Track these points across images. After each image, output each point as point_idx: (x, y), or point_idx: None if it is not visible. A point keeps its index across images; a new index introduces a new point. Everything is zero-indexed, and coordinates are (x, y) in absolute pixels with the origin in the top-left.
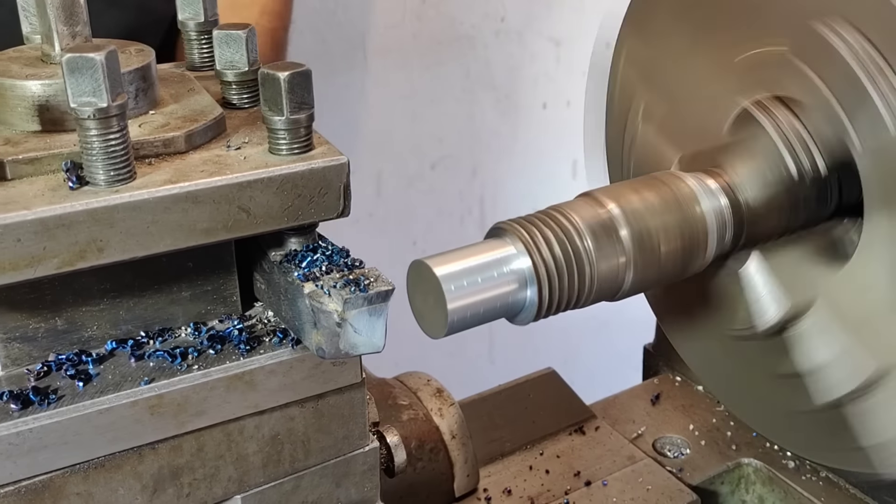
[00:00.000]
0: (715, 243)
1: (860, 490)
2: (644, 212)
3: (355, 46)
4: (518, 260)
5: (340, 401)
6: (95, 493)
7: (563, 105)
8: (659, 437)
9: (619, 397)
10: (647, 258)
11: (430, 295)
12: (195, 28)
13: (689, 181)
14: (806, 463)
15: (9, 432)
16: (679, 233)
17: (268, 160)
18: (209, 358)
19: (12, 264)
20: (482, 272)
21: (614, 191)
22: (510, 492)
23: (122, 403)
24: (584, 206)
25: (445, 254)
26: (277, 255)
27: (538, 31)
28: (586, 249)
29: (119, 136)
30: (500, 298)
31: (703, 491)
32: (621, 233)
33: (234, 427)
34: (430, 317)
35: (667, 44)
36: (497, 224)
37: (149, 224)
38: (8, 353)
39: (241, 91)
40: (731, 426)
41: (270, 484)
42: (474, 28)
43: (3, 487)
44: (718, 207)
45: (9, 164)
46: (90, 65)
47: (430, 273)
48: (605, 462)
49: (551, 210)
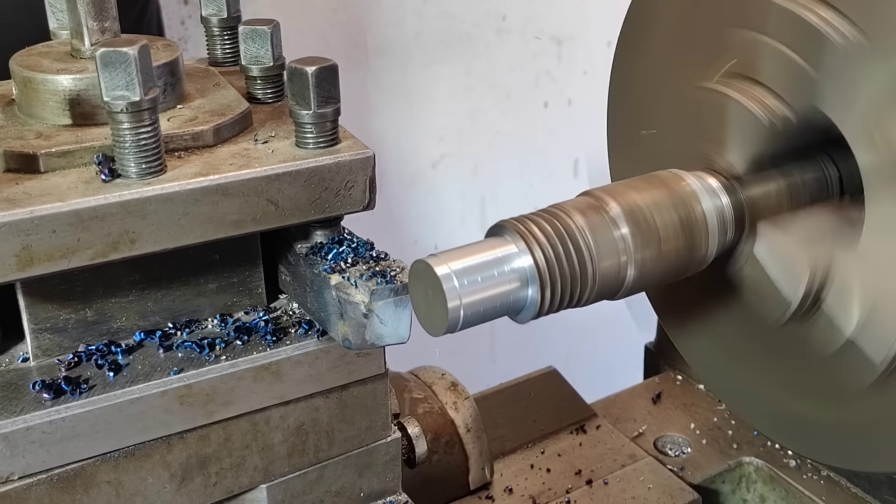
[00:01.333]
0: (716, 241)
1: (861, 489)
2: (645, 210)
3: (356, 45)
4: (519, 258)
5: (364, 391)
6: (125, 481)
7: (564, 103)
8: (660, 435)
9: (621, 396)
10: (648, 256)
11: (430, 293)
12: (218, 24)
13: (689, 180)
14: (807, 462)
15: (42, 421)
16: (680, 231)
17: (295, 153)
18: (236, 349)
19: (48, 255)
20: (483, 271)
21: (615, 189)
22: (511, 490)
23: (152, 393)
24: (585, 204)
25: (446, 253)
26: (303, 248)
27: (539, 29)
28: (587, 248)
29: (150, 129)
30: (501, 297)
31: (705, 490)
32: (622, 231)
33: (260, 417)
34: (431, 315)
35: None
36: (498, 222)
37: (180, 216)
38: (39, 344)
39: (265, 86)
40: (733, 425)
41: (295, 474)
42: (475, 27)
43: (35, 475)
44: (719, 205)
45: (42, 157)
46: (123, 59)
47: (431, 272)
48: (606, 461)
49: (552, 209)
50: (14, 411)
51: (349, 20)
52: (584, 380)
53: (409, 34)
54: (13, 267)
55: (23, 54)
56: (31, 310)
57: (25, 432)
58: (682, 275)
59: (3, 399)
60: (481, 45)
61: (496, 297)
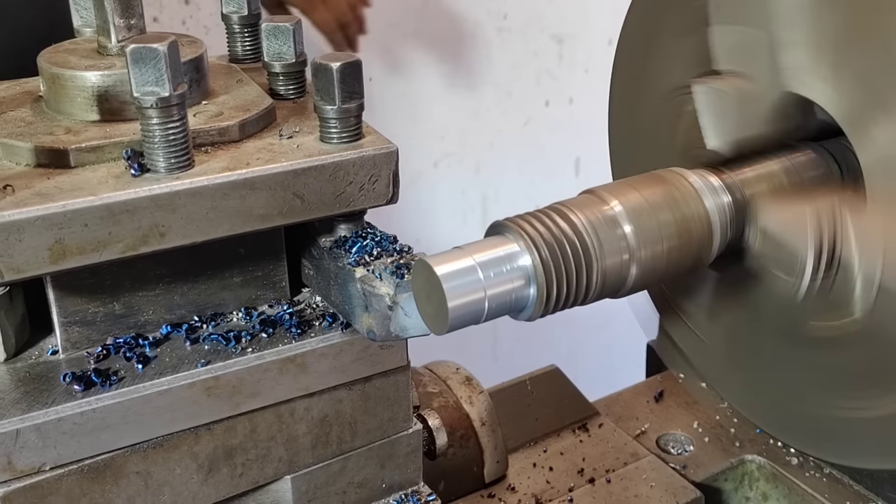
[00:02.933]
0: (719, 239)
1: (864, 486)
2: (647, 209)
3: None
4: (521, 257)
5: (386, 384)
6: (154, 472)
7: (565, 102)
8: (662, 434)
9: (623, 394)
10: (650, 255)
11: (432, 293)
12: (238, 21)
13: (691, 178)
14: (810, 460)
15: (73, 412)
16: (683, 229)
17: (320, 148)
18: (262, 341)
19: (80, 249)
20: (484, 270)
21: (617, 188)
22: (514, 489)
23: (180, 385)
24: (587, 202)
25: (447, 252)
26: (327, 242)
27: (540, 28)
28: (590, 246)
29: (179, 124)
30: (502, 296)
31: (707, 488)
32: (625, 229)
33: (285, 409)
34: (433, 314)
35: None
36: (499, 221)
37: (208, 210)
38: (68, 337)
39: (287, 82)
40: (735, 423)
41: (319, 465)
42: (477, 26)
43: (67, 466)
44: (721, 204)
45: (72, 152)
46: (153, 55)
47: (432, 272)
48: (608, 459)
49: (554, 207)
50: (46, 403)
51: None
52: (586, 378)
53: (410, 33)
54: (46, 260)
55: (50, 51)
56: (61, 303)
57: (57, 423)
58: (684, 273)
59: (35, 391)
60: (482, 43)
61: (497, 296)
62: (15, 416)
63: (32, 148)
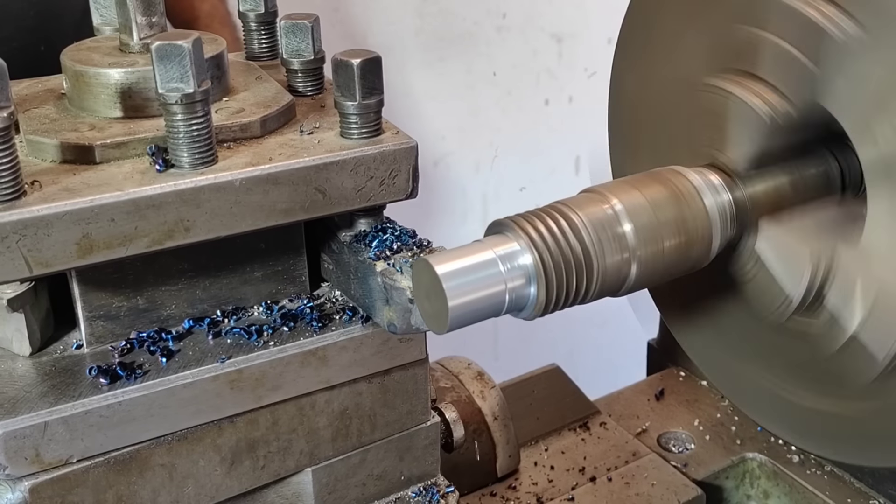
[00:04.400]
0: (719, 237)
1: (865, 484)
2: (647, 207)
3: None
4: (522, 256)
5: (405, 377)
6: (178, 464)
7: (565, 101)
8: (663, 432)
9: (624, 393)
10: (651, 253)
11: (432, 292)
12: (255, 19)
13: (691, 177)
14: (811, 457)
15: (99, 405)
16: (683, 228)
17: (341, 143)
18: (283, 335)
19: (107, 243)
20: (485, 269)
21: (617, 186)
22: (515, 488)
23: (204, 378)
24: (587, 201)
25: (448, 251)
26: (347, 236)
27: (540, 27)
28: (590, 245)
29: (203, 120)
30: (502, 294)
31: (708, 486)
32: (625, 228)
33: (306, 402)
34: (434, 313)
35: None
36: (499, 220)
37: (232, 204)
38: (92, 331)
39: (305, 79)
40: (736, 421)
41: (339, 457)
42: (476, 25)
43: (93, 458)
44: (721, 202)
45: (97, 148)
46: (178, 52)
47: (432, 271)
48: (609, 458)
49: (554, 206)
50: (73, 396)
51: (350, 18)
52: (587, 377)
53: (409, 32)
54: (74, 255)
55: (73, 49)
56: (86, 298)
57: (84, 416)
58: (684, 271)
59: (61, 384)
60: (482, 42)
61: (497, 295)
62: (43, 408)
63: (58, 144)
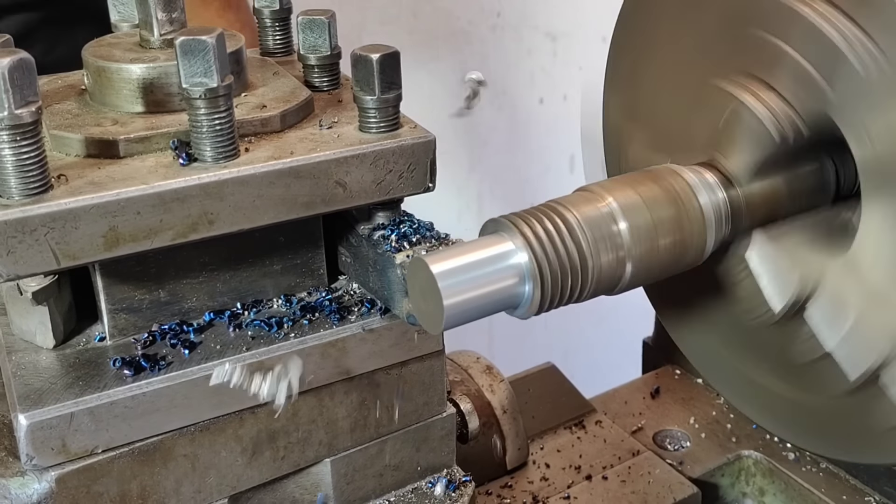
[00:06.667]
0: (714, 236)
1: (860, 481)
2: (642, 205)
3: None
4: (516, 255)
5: (422, 368)
6: (200, 454)
7: (559, 99)
8: (659, 430)
9: (619, 391)
10: (645, 251)
11: (428, 291)
12: (270, 15)
13: (686, 175)
14: (806, 455)
15: (124, 396)
16: (678, 226)
17: (360, 137)
18: (303, 327)
19: (132, 236)
20: (480, 268)
21: (612, 185)
22: (511, 486)
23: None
24: (581, 200)
25: (443, 250)
26: (366, 229)
27: (534, 25)
28: (585, 243)
29: (226, 114)
30: (497, 293)
31: (704, 483)
32: (620, 226)
33: (325, 392)
34: (429, 312)
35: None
36: (494, 219)
37: (255, 198)
38: (115, 324)
39: (322, 74)
40: (731, 419)
41: (357, 448)
42: (470, 23)
43: (118, 448)
44: (716, 201)
45: (122, 142)
46: (202, 47)
47: (427, 270)
48: (605, 456)
49: (549, 204)
50: (98, 387)
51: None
52: (582, 375)
53: (403, 31)
54: (101, 247)
55: (93, 45)
56: (108, 291)
57: (109, 407)
58: (679, 269)
59: (86, 376)
60: (476, 41)
61: (492, 294)
62: (69, 399)
63: (82, 139)
